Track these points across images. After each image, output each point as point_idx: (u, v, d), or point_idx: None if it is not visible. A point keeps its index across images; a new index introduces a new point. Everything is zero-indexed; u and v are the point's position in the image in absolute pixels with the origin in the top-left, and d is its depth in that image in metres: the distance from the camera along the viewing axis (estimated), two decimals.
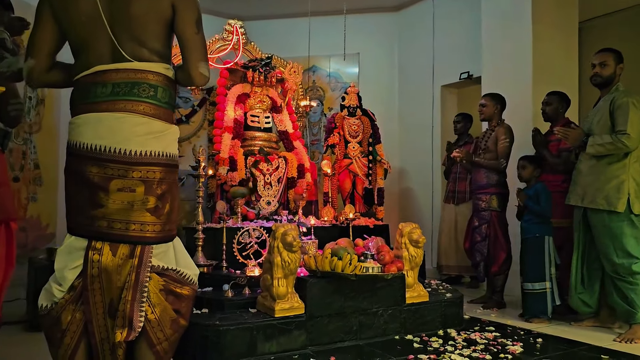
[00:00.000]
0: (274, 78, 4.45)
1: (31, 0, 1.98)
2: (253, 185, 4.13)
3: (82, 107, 1.76)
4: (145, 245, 1.75)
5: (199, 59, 1.83)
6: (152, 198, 1.76)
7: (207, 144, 5.48)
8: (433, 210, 6.19)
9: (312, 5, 6.65)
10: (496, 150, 4.28)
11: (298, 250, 2.89)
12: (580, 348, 3.04)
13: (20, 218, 4.96)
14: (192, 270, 1.89)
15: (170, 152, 1.83)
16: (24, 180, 4.92)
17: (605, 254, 3.38)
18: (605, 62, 3.49)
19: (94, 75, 1.75)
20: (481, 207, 4.31)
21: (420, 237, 3.34)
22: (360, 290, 3.11)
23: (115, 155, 1.71)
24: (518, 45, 4.90)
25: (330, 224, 4.26)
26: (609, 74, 3.47)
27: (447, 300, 3.48)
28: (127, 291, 1.71)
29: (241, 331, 2.72)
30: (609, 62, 3.48)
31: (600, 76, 3.50)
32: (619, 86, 3.49)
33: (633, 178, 3.34)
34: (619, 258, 3.30)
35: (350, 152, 4.86)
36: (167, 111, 1.85)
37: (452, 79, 6.07)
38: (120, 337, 1.68)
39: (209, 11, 6.62)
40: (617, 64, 3.47)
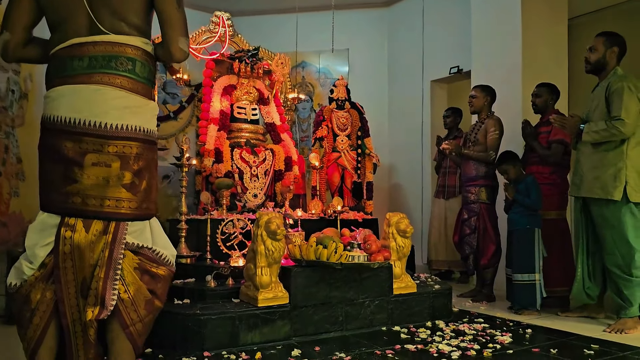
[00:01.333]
0: (261, 69, 4.39)
1: None
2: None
3: (58, 81, 1.71)
4: (119, 222, 1.69)
5: (179, 34, 1.79)
6: (128, 174, 1.72)
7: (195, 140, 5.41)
8: (423, 205, 6.14)
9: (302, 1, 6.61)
10: (486, 142, 4.23)
11: (282, 239, 2.82)
12: (570, 338, 2.99)
13: (1, 213, 4.87)
14: (169, 251, 1.83)
15: (148, 127, 1.78)
16: (5, 175, 4.81)
17: (606, 246, 3.29)
18: (594, 47, 3.42)
19: (70, 49, 1.71)
20: (470, 200, 4.27)
21: (407, 227, 3.29)
22: (346, 280, 3.05)
23: (90, 128, 1.66)
24: (508, 38, 4.87)
25: (318, 216, 4.19)
26: (597, 59, 3.40)
27: (436, 292, 3.43)
28: (99, 268, 1.66)
29: (223, 321, 2.65)
30: (597, 47, 3.41)
31: (589, 62, 3.45)
32: (617, 70, 3.37)
33: (632, 165, 3.22)
34: (620, 249, 3.21)
35: (338, 145, 4.80)
36: (145, 86, 1.81)
37: (442, 74, 6.04)
38: (92, 315, 1.63)
39: (196, 6, 6.57)
40: (607, 48, 3.36)
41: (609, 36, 3.41)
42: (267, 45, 5.98)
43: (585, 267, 3.47)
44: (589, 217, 3.43)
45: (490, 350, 2.66)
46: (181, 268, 3.30)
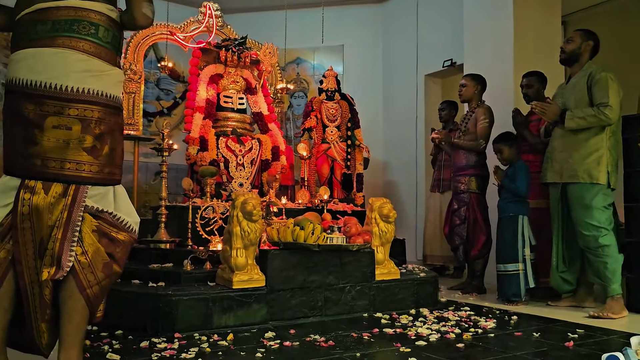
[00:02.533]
0: (248, 59, 4.35)
1: None
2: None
3: (22, 44, 1.70)
4: (79, 185, 1.67)
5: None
6: (89, 137, 1.69)
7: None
8: (417, 201, 6.06)
9: None
10: (476, 131, 4.17)
11: (259, 220, 2.76)
12: (556, 324, 2.91)
13: None
14: (132, 218, 1.80)
15: (111, 93, 1.76)
16: None
17: (579, 227, 3.29)
18: (571, 38, 3.51)
19: (34, 13, 1.71)
20: (460, 190, 4.19)
21: (390, 211, 3.22)
22: (326, 264, 2.98)
23: (51, 90, 1.65)
24: (499, 28, 4.82)
25: (305, 206, 4.13)
26: (572, 49, 3.45)
27: (420, 279, 3.35)
28: (57, 229, 1.64)
29: (195, 302, 2.59)
30: (574, 38, 3.48)
31: (564, 51, 3.49)
32: (591, 63, 3.44)
33: (609, 152, 3.28)
34: (587, 230, 3.22)
35: (328, 136, 4.75)
36: (109, 52, 1.79)
37: (436, 68, 5.98)
38: (47, 275, 1.61)
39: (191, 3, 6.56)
40: (583, 41, 3.43)
41: (586, 31, 3.49)
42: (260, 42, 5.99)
43: (561, 253, 3.48)
44: (566, 203, 3.42)
45: (470, 334, 2.58)
46: (160, 253, 3.27)
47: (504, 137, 3.79)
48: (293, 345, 2.36)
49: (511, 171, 3.69)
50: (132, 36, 4.29)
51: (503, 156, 3.77)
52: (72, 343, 1.65)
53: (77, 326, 1.66)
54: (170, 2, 6.26)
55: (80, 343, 1.68)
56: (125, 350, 2.26)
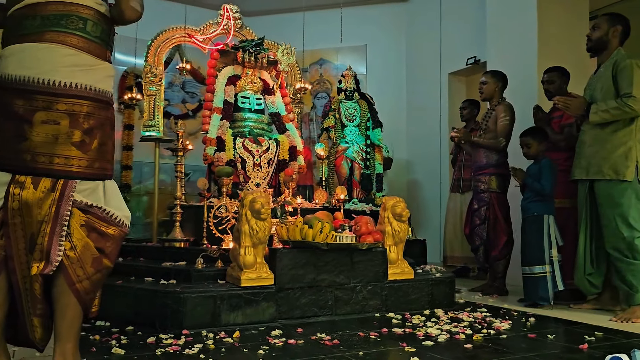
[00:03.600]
0: (265, 59, 4.37)
1: None
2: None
3: (12, 40, 1.73)
4: (68, 180, 1.68)
5: None
6: (78, 132, 1.69)
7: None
8: (441, 201, 5.97)
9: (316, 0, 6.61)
10: (496, 129, 4.07)
11: (267, 218, 2.77)
12: (575, 327, 2.80)
13: None
14: (123, 212, 1.80)
15: (100, 87, 1.76)
16: None
17: (608, 227, 3.13)
18: (597, 25, 3.31)
19: (24, 9, 1.73)
20: (480, 189, 4.10)
21: (404, 210, 3.17)
22: (336, 263, 2.95)
23: (39, 86, 1.66)
24: (523, 24, 4.71)
25: (322, 206, 4.11)
26: (599, 36, 3.27)
27: (435, 279, 3.29)
28: (46, 224, 1.65)
29: (203, 299, 2.60)
30: (600, 25, 3.29)
31: (590, 39, 3.32)
32: (620, 50, 3.25)
33: (639, 145, 3.09)
34: (621, 230, 3.05)
35: (347, 136, 4.72)
36: (98, 46, 1.79)
37: (460, 66, 5.89)
38: (37, 270, 1.62)
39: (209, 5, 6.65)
40: (610, 26, 3.23)
41: (613, 15, 3.30)
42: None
43: (588, 253, 3.30)
44: (594, 201, 3.25)
45: (481, 335, 2.51)
46: (174, 252, 3.31)
47: (534, 132, 3.65)
48: (297, 344, 2.34)
49: (535, 168, 3.57)
50: (152, 40, 4.37)
51: (530, 151, 3.62)
52: (66, 338, 1.66)
53: (70, 321, 1.67)
54: (189, 4, 6.38)
55: (75, 338, 1.69)
56: (131, 345, 2.30)
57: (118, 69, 6.72)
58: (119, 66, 6.73)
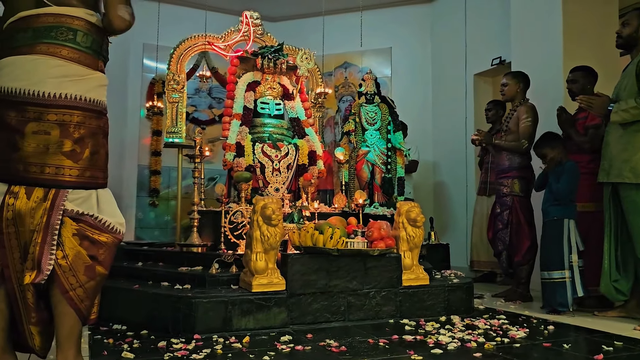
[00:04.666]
0: (284, 65, 4.40)
1: None
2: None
3: (5, 52, 1.77)
4: (59, 189, 1.72)
5: (119, 1, 1.79)
6: (68, 142, 1.73)
7: None
8: (467, 204, 5.87)
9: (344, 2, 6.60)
10: (518, 131, 3.98)
11: (278, 224, 2.78)
12: (594, 335, 2.71)
13: None
14: (117, 219, 1.83)
15: (91, 97, 1.79)
16: None
17: (633, 234, 3.01)
18: (627, 21, 3.19)
19: (17, 22, 1.77)
20: (503, 193, 4.02)
21: (418, 215, 3.13)
22: (349, 269, 2.94)
23: (30, 97, 1.70)
24: (547, 21, 4.60)
25: (340, 210, 4.11)
26: (629, 33, 3.15)
27: (452, 285, 3.23)
28: (37, 234, 1.68)
29: (215, 304, 2.64)
30: (630, 21, 3.16)
31: (620, 36, 3.19)
32: None
33: None
34: None
35: (367, 140, 4.69)
36: (89, 56, 1.81)
37: (485, 67, 5.78)
38: (29, 279, 1.65)
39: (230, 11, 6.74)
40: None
41: None
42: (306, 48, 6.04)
43: (613, 259, 3.16)
44: (619, 204, 3.12)
45: (493, 344, 2.46)
46: (191, 257, 3.37)
47: (546, 139, 3.57)
48: (305, 350, 2.34)
49: (559, 169, 3.47)
50: (175, 48, 4.46)
51: (549, 160, 3.55)
52: (67, 345, 1.70)
53: (69, 329, 1.71)
54: (209, 11, 6.48)
55: (76, 345, 1.73)
56: (142, 349, 2.35)
57: (146, 76, 6.89)
58: (147, 73, 6.90)
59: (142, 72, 6.89)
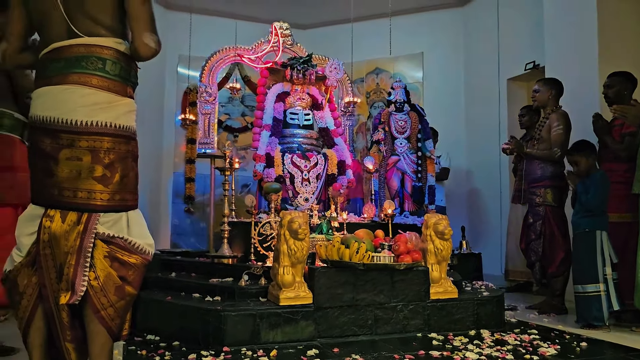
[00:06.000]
0: (313, 75, 4.43)
1: None
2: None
3: (40, 82, 1.86)
4: (91, 213, 1.80)
5: (144, 29, 1.85)
6: (99, 167, 1.80)
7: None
8: (502, 212, 5.77)
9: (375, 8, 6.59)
10: (550, 139, 3.90)
11: (305, 238, 2.81)
12: (630, 354, 2.63)
13: None
14: (145, 240, 1.89)
15: (120, 123, 1.85)
16: None
17: None
18: None
19: (50, 53, 1.85)
20: (535, 202, 3.94)
21: (446, 228, 3.11)
22: (376, 282, 2.95)
23: (63, 125, 1.79)
24: (582, 25, 4.47)
25: (370, 220, 4.11)
26: None
27: (481, 299, 3.20)
28: (71, 256, 1.76)
29: (243, 317, 2.69)
30: None
31: None
32: None
33: None
34: None
35: (397, 148, 4.68)
36: (118, 84, 1.88)
37: (519, 71, 5.68)
38: (64, 299, 1.73)
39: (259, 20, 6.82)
40: None
41: None
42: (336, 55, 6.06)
43: None
44: None
45: None
46: (222, 268, 3.44)
47: (579, 147, 3.49)
48: None
49: (588, 181, 3.40)
50: (206, 61, 4.56)
51: (580, 168, 3.48)
52: None
53: (101, 346, 1.78)
54: (239, 20, 6.58)
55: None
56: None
57: (181, 86, 7.05)
58: (182, 82, 7.06)
59: (177, 81, 7.05)
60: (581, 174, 3.47)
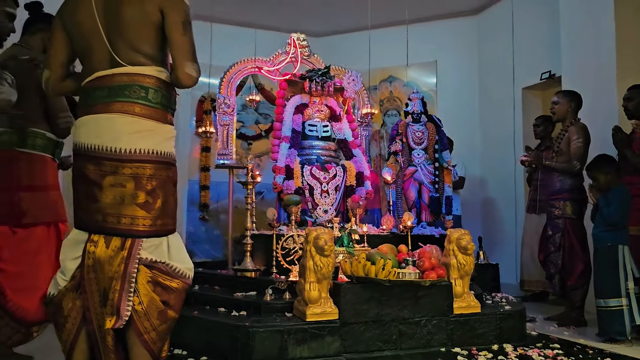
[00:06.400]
0: (332, 87, 4.47)
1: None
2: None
3: (83, 110, 1.92)
4: (135, 239, 1.84)
5: (186, 59, 1.90)
6: (142, 193, 1.85)
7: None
8: (517, 221, 5.78)
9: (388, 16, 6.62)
10: (569, 151, 3.91)
11: (331, 254, 2.85)
12: None
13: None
14: (185, 265, 1.94)
15: (161, 150, 1.90)
16: None
17: None
18: None
19: (94, 81, 1.91)
20: (555, 215, 3.96)
21: (469, 243, 3.13)
22: (400, 297, 2.98)
23: (107, 153, 1.83)
24: (599, 34, 4.48)
25: (389, 232, 4.14)
26: None
27: (504, 313, 3.22)
28: (116, 281, 1.81)
29: (271, 334, 2.73)
30: None
31: None
32: None
33: None
34: None
35: (414, 159, 4.70)
36: (159, 111, 1.93)
37: (534, 80, 5.69)
38: (109, 324, 1.78)
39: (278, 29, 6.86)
40: None
41: None
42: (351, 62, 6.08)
43: None
44: None
45: None
46: (245, 281, 3.47)
47: (598, 162, 3.51)
48: None
49: (609, 195, 3.41)
50: (225, 72, 4.60)
51: (599, 184, 3.50)
52: None
53: None
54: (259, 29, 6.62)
55: None
56: None
57: (195, 94, 7.11)
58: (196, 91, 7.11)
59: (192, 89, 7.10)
60: (602, 188, 3.49)
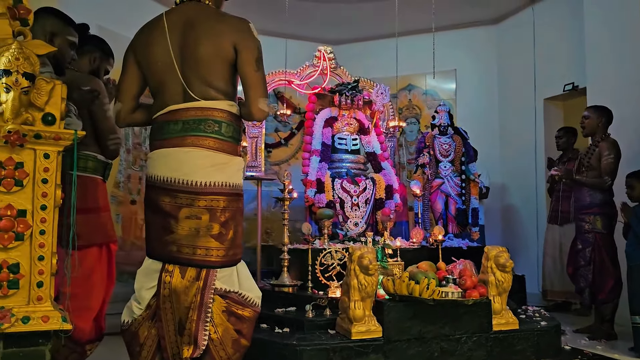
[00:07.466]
0: (361, 101, 4.52)
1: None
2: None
3: (157, 143, 1.96)
4: (210, 269, 1.89)
5: (259, 95, 1.95)
6: (216, 225, 1.90)
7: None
8: (538, 231, 5.81)
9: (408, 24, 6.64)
10: (600, 167, 3.95)
11: (375, 273, 2.89)
12: None
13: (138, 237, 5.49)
14: (255, 293, 1.99)
15: (233, 182, 1.96)
16: (140, 204, 5.43)
17: None
18: None
19: (167, 114, 1.95)
20: (585, 229, 3.99)
21: (507, 261, 3.18)
22: (441, 315, 3.03)
23: (183, 186, 1.88)
24: (625, 46, 4.49)
25: (419, 245, 4.19)
26: None
27: (541, 329, 3.27)
28: (193, 311, 1.86)
29: (318, 352, 2.78)
30: None
31: None
32: None
33: None
34: None
35: (441, 172, 4.75)
36: (230, 144, 1.98)
37: (556, 92, 5.72)
38: (187, 353, 1.83)
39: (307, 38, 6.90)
40: None
41: None
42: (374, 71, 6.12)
43: None
44: None
45: None
46: (283, 296, 3.52)
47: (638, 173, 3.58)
48: None
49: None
50: None
51: (634, 193, 3.56)
52: None
53: None
54: (289, 39, 6.66)
55: None
56: None
57: None
58: None
59: None
60: (633, 199, 3.54)
